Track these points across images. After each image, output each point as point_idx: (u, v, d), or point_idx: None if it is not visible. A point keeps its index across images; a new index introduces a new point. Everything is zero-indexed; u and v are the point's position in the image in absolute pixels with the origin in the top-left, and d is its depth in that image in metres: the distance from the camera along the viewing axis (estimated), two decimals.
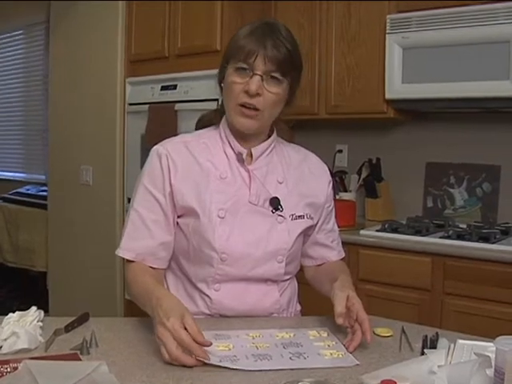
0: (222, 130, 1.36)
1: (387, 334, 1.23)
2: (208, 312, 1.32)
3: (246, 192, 1.32)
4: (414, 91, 2.56)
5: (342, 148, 3.17)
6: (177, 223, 1.34)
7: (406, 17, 2.54)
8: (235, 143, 1.34)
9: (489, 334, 1.12)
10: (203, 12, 2.89)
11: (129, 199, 1.40)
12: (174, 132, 2.77)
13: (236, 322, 1.29)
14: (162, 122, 2.97)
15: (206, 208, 1.28)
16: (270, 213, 1.32)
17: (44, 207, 3.90)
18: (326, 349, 1.13)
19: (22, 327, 1.09)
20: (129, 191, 3.16)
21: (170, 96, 3.02)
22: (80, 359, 1.04)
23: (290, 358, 1.08)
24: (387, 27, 2.60)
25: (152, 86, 3.11)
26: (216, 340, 1.13)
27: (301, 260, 1.46)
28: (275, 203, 1.32)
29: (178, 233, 1.34)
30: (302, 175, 1.41)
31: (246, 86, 1.24)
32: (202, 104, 2.70)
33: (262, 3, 2.99)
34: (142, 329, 1.22)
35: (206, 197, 1.29)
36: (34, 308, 1.17)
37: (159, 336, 1.03)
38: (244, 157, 1.33)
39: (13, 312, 1.14)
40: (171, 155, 1.31)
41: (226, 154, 1.35)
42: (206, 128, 1.42)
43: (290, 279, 1.41)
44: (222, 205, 1.29)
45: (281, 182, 1.36)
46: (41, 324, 1.15)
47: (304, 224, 1.37)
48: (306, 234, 1.42)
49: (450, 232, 2.40)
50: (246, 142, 1.34)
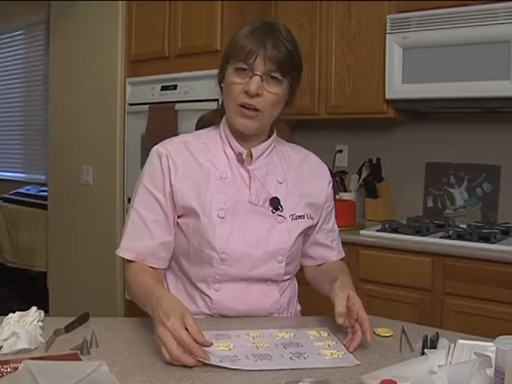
0: (222, 130, 1.36)
1: (387, 334, 1.23)
2: (208, 312, 1.32)
3: (246, 192, 1.32)
4: (414, 91, 2.56)
5: (342, 148, 3.17)
6: (177, 223, 1.34)
7: (406, 17, 2.54)
8: (235, 143, 1.34)
9: (489, 334, 1.12)
10: (203, 12, 2.89)
11: (129, 199, 1.40)
12: (175, 132, 2.77)
13: (236, 322, 1.28)
14: (162, 122, 2.97)
15: (206, 208, 1.29)
16: (270, 213, 1.32)
17: (44, 207, 3.90)
18: (326, 349, 1.13)
19: (22, 327, 1.09)
20: (129, 191, 3.16)
21: (170, 96, 3.02)
22: (80, 359, 1.04)
23: (291, 357, 1.08)
24: (387, 27, 2.60)
25: (152, 86, 3.11)
26: (216, 340, 1.13)
27: (301, 260, 1.46)
28: (275, 203, 1.32)
29: (178, 233, 1.34)
30: (302, 175, 1.41)
31: (246, 86, 1.24)
32: (203, 104, 2.70)
33: (262, 3, 2.99)
34: (142, 329, 1.22)
35: (206, 197, 1.29)
36: (34, 308, 1.17)
37: (159, 336, 1.03)
38: (244, 157, 1.33)
39: (13, 312, 1.14)
40: (171, 155, 1.31)
41: (226, 154, 1.35)
42: (206, 128, 1.42)
43: (290, 279, 1.41)
44: (222, 205, 1.29)
45: (281, 182, 1.36)
46: (41, 324, 1.15)
47: (304, 224, 1.37)
48: (306, 233, 1.42)
49: (450, 232, 2.40)
50: (246, 142, 1.34)
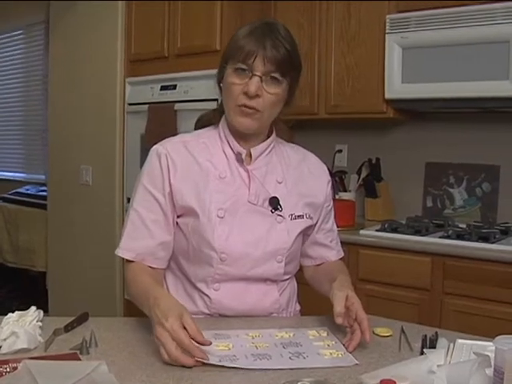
0: (221, 130, 1.36)
1: (387, 334, 1.23)
2: (207, 312, 1.32)
3: (246, 192, 1.32)
4: (413, 91, 2.56)
5: (342, 148, 3.17)
6: (176, 223, 1.34)
7: (406, 17, 2.54)
8: (234, 143, 1.34)
9: (488, 334, 1.12)
10: (203, 12, 2.89)
11: (128, 199, 1.40)
12: (174, 132, 2.77)
13: (235, 322, 1.29)
14: (161, 122, 2.97)
15: (205, 208, 1.28)
16: (270, 212, 1.32)
17: (44, 207, 3.90)
18: (325, 348, 1.13)
19: (21, 327, 1.09)
20: (128, 191, 3.16)
21: (169, 96, 3.02)
22: (79, 359, 1.04)
23: (290, 357, 1.08)
24: (387, 27, 2.60)
25: (152, 85, 3.11)
26: (215, 340, 1.13)
27: (300, 260, 1.46)
28: (274, 203, 1.32)
29: (177, 233, 1.34)
30: (302, 175, 1.41)
31: (246, 87, 1.24)
32: (202, 104, 2.70)
33: (262, 3, 2.99)
34: (141, 329, 1.22)
35: (205, 196, 1.29)
36: (33, 308, 1.17)
37: (158, 336, 1.03)
38: (243, 157, 1.33)
39: (12, 312, 1.14)
40: (171, 155, 1.31)
41: (225, 154, 1.34)
42: (205, 128, 1.42)
43: (289, 279, 1.41)
44: (222, 204, 1.29)
45: (280, 182, 1.36)
46: (40, 324, 1.15)
47: (303, 224, 1.37)
48: (306, 233, 1.42)
49: (450, 232, 2.40)
50: (245, 142, 1.34)
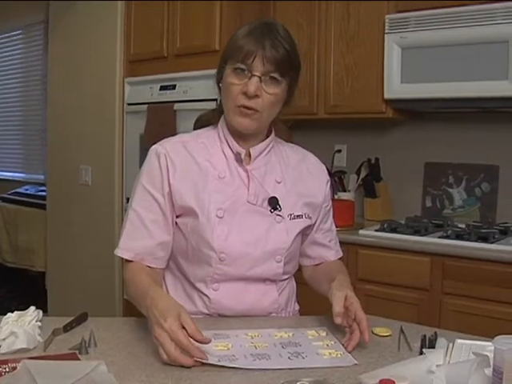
0: (220, 130, 1.36)
1: (386, 334, 1.23)
2: (207, 312, 1.32)
3: (245, 192, 1.32)
4: (412, 91, 2.56)
5: (341, 148, 3.17)
6: (175, 223, 1.34)
7: (405, 17, 2.54)
8: (233, 143, 1.34)
9: (487, 334, 1.12)
10: (202, 12, 2.89)
11: (128, 199, 1.40)
12: (173, 132, 2.77)
13: (235, 322, 1.29)
14: (160, 122, 2.97)
15: (204, 208, 1.28)
16: (269, 212, 1.32)
17: (43, 207, 3.89)
18: (324, 348, 1.14)
19: (20, 327, 1.09)
20: (128, 191, 3.16)
21: (168, 96, 3.02)
22: (79, 359, 1.04)
23: (289, 357, 1.08)
24: (386, 27, 2.60)
25: (151, 85, 3.11)
26: (215, 339, 1.13)
27: (299, 259, 1.46)
28: (274, 203, 1.32)
29: (176, 233, 1.34)
30: (301, 175, 1.41)
31: (245, 87, 1.23)
32: (201, 104, 2.70)
33: (261, 3, 2.99)
34: (140, 329, 1.22)
35: (204, 196, 1.29)
36: (32, 308, 1.17)
37: (157, 337, 1.03)
38: (242, 157, 1.33)
39: (11, 312, 1.14)
40: (170, 155, 1.31)
41: (224, 154, 1.34)
42: (204, 128, 1.42)
43: (288, 279, 1.41)
44: (221, 204, 1.29)
45: (279, 182, 1.36)
46: (39, 324, 1.15)
47: (302, 224, 1.37)
48: (304, 233, 1.42)
49: (449, 232, 2.40)
50: (244, 142, 1.34)
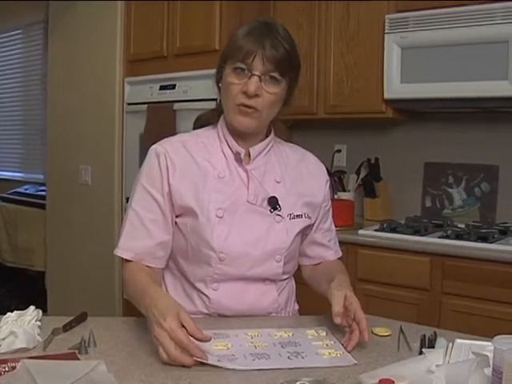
0: (219, 130, 1.36)
1: (385, 334, 1.23)
2: (206, 311, 1.32)
3: (244, 191, 1.32)
4: (412, 91, 2.56)
5: (341, 148, 3.17)
6: (175, 223, 1.34)
7: (405, 17, 2.54)
8: (233, 143, 1.34)
9: (487, 334, 1.12)
10: (202, 12, 2.89)
11: (127, 199, 1.39)
12: (173, 132, 2.76)
13: (234, 322, 1.29)
14: (160, 122, 2.97)
15: (204, 207, 1.28)
16: (268, 212, 1.32)
17: (42, 207, 3.89)
18: (324, 348, 1.13)
19: (20, 327, 1.09)
20: (127, 191, 3.15)
21: (168, 96, 3.02)
22: (78, 358, 1.04)
23: (288, 357, 1.08)
24: (386, 27, 2.60)
25: (151, 85, 3.11)
26: (214, 339, 1.13)
27: (298, 259, 1.46)
28: (273, 203, 1.32)
29: (176, 232, 1.34)
30: (300, 175, 1.41)
31: (245, 86, 1.23)
32: (201, 104, 2.70)
33: (261, 3, 2.99)
34: (140, 328, 1.22)
35: (204, 196, 1.29)
36: (32, 307, 1.17)
37: (156, 336, 1.03)
38: (242, 156, 1.33)
39: (11, 311, 1.14)
40: (169, 154, 1.31)
41: (223, 154, 1.34)
42: (203, 127, 1.42)
43: (287, 279, 1.41)
44: (221, 204, 1.29)
45: (279, 182, 1.36)
46: (39, 323, 1.15)
47: (302, 223, 1.37)
48: (304, 233, 1.42)
49: (449, 232, 2.40)
50: (244, 142, 1.34)
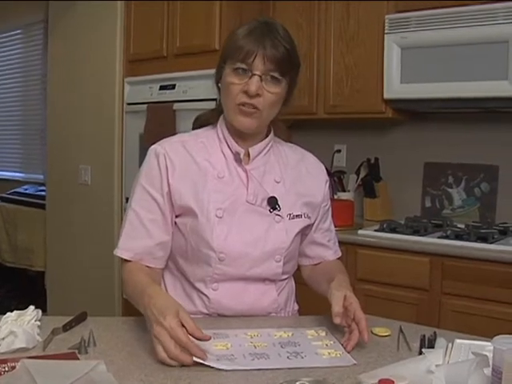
0: (219, 130, 1.36)
1: (385, 334, 1.23)
2: (206, 311, 1.32)
3: (244, 191, 1.32)
4: (412, 91, 2.56)
5: (341, 148, 3.17)
6: (175, 223, 1.33)
7: (405, 17, 2.54)
8: (233, 143, 1.34)
9: (487, 334, 1.12)
10: (202, 12, 2.89)
11: (127, 199, 1.40)
12: (173, 132, 2.76)
13: (234, 322, 1.29)
14: (160, 122, 2.97)
15: (203, 207, 1.28)
16: (268, 212, 1.32)
17: (42, 207, 3.89)
18: (323, 348, 1.13)
19: (19, 326, 1.09)
20: (127, 191, 3.15)
21: (168, 96, 3.02)
22: (78, 358, 1.04)
23: (288, 357, 1.08)
24: (386, 27, 2.60)
25: (150, 85, 3.11)
26: (214, 339, 1.13)
27: (298, 259, 1.46)
28: (273, 203, 1.32)
29: (175, 232, 1.34)
30: (300, 175, 1.41)
31: (246, 86, 1.23)
32: (201, 104, 2.70)
33: (261, 3, 2.99)
34: (140, 328, 1.22)
35: (203, 196, 1.29)
36: (31, 307, 1.17)
37: (156, 335, 1.02)
38: (241, 156, 1.33)
39: (11, 311, 1.14)
40: (169, 155, 1.31)
41: (223, 154, 1.34)
42: (203, 127, 1.42)
43: (287, 279, 1.41)
44: (220, 204, 1.29)
45: (278, 182, 1.36)
46: (39, 323, 1.15)
47: (301, 223, 1.37)
48: (304, 233, 1.42)
49: (449, 232, 2.40)
50: (243, 142, 1.34)
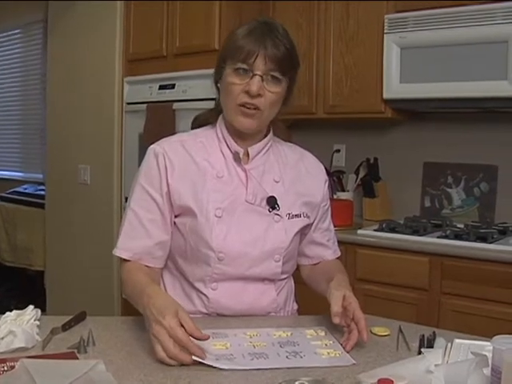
0: (218, 129, 1.36)
1: (384, 334, 1.23)
2: (205, 311, 1.32)
3: (243, 191, 1.32)
4: (411, 91, 2.56)
5: (340, 148, 3.17)
6: (174, 223, 1.33)
7: (404, 17, 2.54)
8: (232, 142, 1.34)
9: (486, 334, 1.12)
10: (201, 12, 2.89)
11: (126, 198, 1.40)
12: (172, 131, 2.76)
13: (233, 321, 1.28)
14: (159, 122, 2.97)
15: (203, 207, 1.28)
16: (267, 212, 1.32)
17: (42, 206, 3.89)
18: (323, 348, 1.13)
19: (19, 326, 1.09)
20: (126, 190, 3.13)
21: (168, 95, 3.02)
22: (77, 358, 1.04)
23: (287, 356, 1.08)
24: (385, 27, 2.60)
25: (150, 85, 3.11)
26: (213, 339, 1.13)
27: (297, 259, 1.46)
28: (272, 202, 1.32)
29: (175, 232, 1.34)
30: (299, 174, 1.41)
31: (247, 86, 1.24)
32: (200, 103, 2.70)
33: (261, 3, 2.99)
34: (139, 328, 1.21)
35: (202, 196, 1.29)
36: (31, 307, 1.17)
37: (155, 334, 1.02)
38: (241, 156, 1.33)
39: (10, 311, 1.14)
40: (168, 154, 1.31)
41: (222, 153, 1.34)
42: (202, 127, 1.42)
43: (286, 278, 1.41)
44: (219, 204, 1.29)
45: (277, 181, 1.36)
46: (38, 323, 1.15)
47: (301, 223, 1.37)
48: (303, 232, 1.42)
49: (448, 232, 2.40)
50: (242, 141, 1.34)
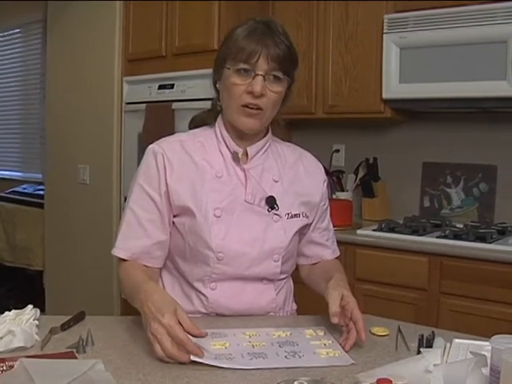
0: (217, 129, 1.36)
1: (383, 333, 1.23)
2: (204, 311, 1.32)
3: (242, 191, 1.32)
4: (411, 91, 2.56)
5: (339, 148, 3.17)
6: (173, 223, 1.33)
7: (404, 17, 2.55)
8: (231, 142, 1.34)
9: (485, 334, 1.12)
10: (201, 11, 2.89)
11: (125, 198, 1.40)
12: (171, 131, 2.75)
13: (232, 321, 1.28)
14: (159, 121, 2.97)
15: (202, 207, 1.28)
16: (266, 212, 1.32)
17: (41, 206, 3.89)
18: (322, 348, 1.13)
19: (18, 325, 1.09)
20: (126, 190, 3.14)
21: (167, 95, 3.02)
22: (76, 357, 1.04)
23: (286, 356, 1.08)
24: (384, 27, 2.61)
25: (149, 85, 3.11)
26: (212, 338, 1.13)
27: (296, 259, 1.46)
28: (271, 202, 1.32)
29: (173, 232, 1.34)
30: (298, 174, 1.41)
31: (249, 86, 1.23)
32: (199, 103, 2.69)
33: (260, 3, 2.99)
34: (138, 327, 1.21)
35: (201, 196, 1.29)
36: (30, 306, 1.17)
37: (153, 332, 1.02)
38: (239, 156, 1.33)
39: (9, 311, 1.14)
40: (167, 154, 1.31)
41: (221, 153, 1.34)
42: (199, 128, 1.42)
43: (285, 278, 1.41)
44: (218, 204, 1.29)
45: (276, 181, 1.36)
46: (37, 322, 1.15)
47: (300, 223, 1.37)
48: (302, 232, 1.42)
49: (447, 232, 2.40)
50: (241, 141, 1.34)
